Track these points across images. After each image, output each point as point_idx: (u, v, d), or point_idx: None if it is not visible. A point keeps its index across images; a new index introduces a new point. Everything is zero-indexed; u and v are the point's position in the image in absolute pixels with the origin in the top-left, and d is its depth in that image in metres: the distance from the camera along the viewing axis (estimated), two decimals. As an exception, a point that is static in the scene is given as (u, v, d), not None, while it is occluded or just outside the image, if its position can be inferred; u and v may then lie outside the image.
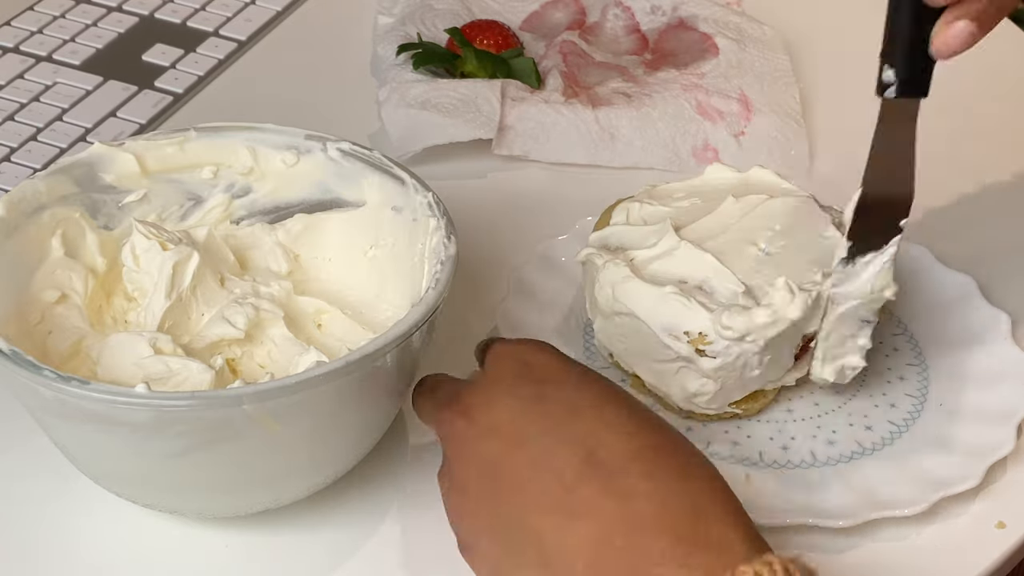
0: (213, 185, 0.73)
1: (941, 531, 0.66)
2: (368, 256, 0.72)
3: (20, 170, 0.86)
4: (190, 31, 1.01)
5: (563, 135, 0.89)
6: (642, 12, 1.01)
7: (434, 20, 0.98)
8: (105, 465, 0.63)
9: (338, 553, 0.65)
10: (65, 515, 0.66)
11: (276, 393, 0.58)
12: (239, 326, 0.66)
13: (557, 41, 0.97)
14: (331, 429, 0.63)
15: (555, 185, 0.87)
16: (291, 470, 0.63)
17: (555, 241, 0.79)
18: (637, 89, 0.92)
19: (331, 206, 0.73)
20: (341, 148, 0.71)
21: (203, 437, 0.59)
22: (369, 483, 0.67)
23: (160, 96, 0.94)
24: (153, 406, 0.57)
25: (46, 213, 0.68)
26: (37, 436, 0.64)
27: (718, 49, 0.96)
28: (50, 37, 0.99)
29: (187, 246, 0.68)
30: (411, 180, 0.69)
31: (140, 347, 0.65)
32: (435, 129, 0.88)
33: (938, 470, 0.67)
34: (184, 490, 0.63)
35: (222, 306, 0.68)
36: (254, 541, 0.65)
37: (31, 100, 0.93)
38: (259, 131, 0.72)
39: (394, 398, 0.66)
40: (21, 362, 0.58)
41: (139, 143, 0.71)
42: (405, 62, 0.94)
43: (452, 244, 0.65)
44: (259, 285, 0.70)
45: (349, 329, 0.69)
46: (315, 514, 0.66)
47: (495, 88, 0.90)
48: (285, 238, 0.73)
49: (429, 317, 0.62)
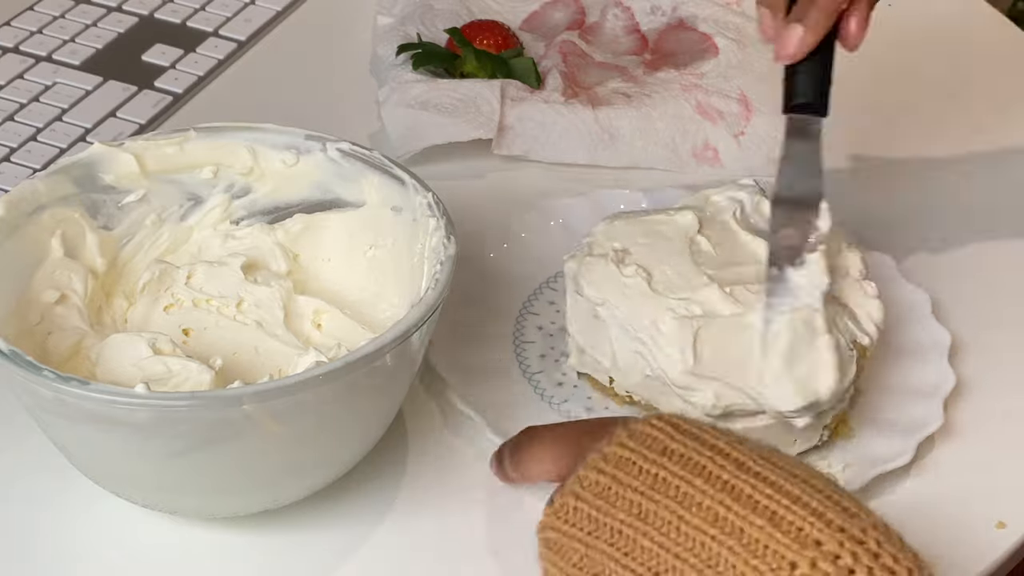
0: (213, 185, 0.73)
1: (941, 531, 0.66)
2: (368, 256, 0.72)
3: (20, 170, 0.86)
4: (190, 31, 1.01)
5: (563, 135, 0.89)
6: (642, 12, 1.01)
7: (434, 20, 0.98)
8: (105, 465, 0.63)
9: (338, 553, 0.65)
10: (65, 515, 0.66)
11: (276, 393, 0.58)
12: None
13: (557, 41, 0.97)
14: (331, 429, 0.63)
15: (555, 185, 0.87)
16: (291, 470, 0.63)
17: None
18: (637, 89, 0.92)
19: (331, 206, 0.73)
20: (341, 148, 0.71)
21: (203, 437, 0.59)
22: (369, 483, 0.67)
23: (160, 96, 0.94)
24: (153, 406, 0.57)
25: (46, 213, 0.68)
26: (37, 436, 0.64)
27: (718, 49, 0.96)
28: (50, 37, 0.99)
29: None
30: (411, 180, 0.69)
31: (140, 347, 0.65)
32: (435, 129, 0.88)
33: (877, 449, 0.68)
34: (184, 490, 0.63)
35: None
36: (254, 541, 0.65)
37: (31, 100, 0.93)
38: (259, 131, 0.72)
39: (394, 398, 0.66)
40: (21, 362, 0.58)
41: (139, 143, 0.71)
42: (405, 62, 0.94)
43: (452, 244, 0.65)
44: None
45: (349, 329, 0.69)
46: (315, 514, 0.66)
47: (495, 88, 0.90)
48: (285, 238, 0.73)
49: (429, 317, 0.62)
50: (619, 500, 0.53)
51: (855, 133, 0.90)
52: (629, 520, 0.52)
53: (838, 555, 0.49)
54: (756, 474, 0.52)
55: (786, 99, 0.70)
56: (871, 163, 0.90)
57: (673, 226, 0.72)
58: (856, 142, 0.90)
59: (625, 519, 0.52)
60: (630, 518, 0.52)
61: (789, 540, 0.49)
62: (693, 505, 0.51)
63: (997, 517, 0.67)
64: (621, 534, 0.52)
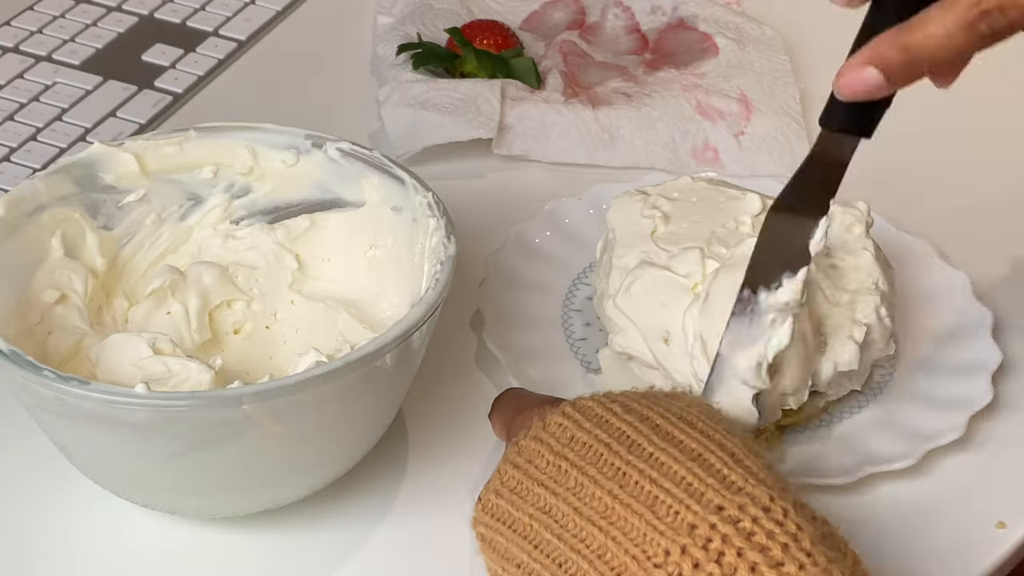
0: (213, 185, 0.73)
1: (941, 531, 0.66)
2: (368, 256, 0.72)
3: (20, 170, 0.86)
4: (190, 31, 1.01)
5: (563, 135, 0.89)
6: (642, 12, 1.01)
7: (434, 20, 0.98)
8: (105, 465, 0.63)
9: (338, 553, 0.65)
10: (65, 515, 0.66)
11: (276, 393, 0.58)
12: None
13: (557, 41, 0.97)
14: (331, 429, 0.62)
15: (555, 185, 0.87)
16: (291, 470, 0.63)
17: (529, 222, 0.81)
18: (637, 89, 0.92)
19: (331, 206, 0.73)
20: (341, 148, 0.71)
21: (203, 437, 0.59)
22: (369, 483, 0.67)
23: (160, 96, 0.94)
24: (153, 406, 0.57)
25: (46, 213, 0.68)
26: (36, 436, 0.64)
27: (718, 49, 0.96)
28: (50, 37, 0.99)
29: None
30: (411, 180, 0.69)
31: (139, 347, 0.65)
32: (435, 129, 0.88)
33: (923, 424, 0.69)
34: (184, 490, 0.63)
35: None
36: (254, 541, 0.65)
37: (31, 100, 0.93)
38: (259, 131, 0.72)
39: (394, 398, 0.66)
40: (21, 362, 0.58)
41: (139, 143, 0.71)
42: (405, 62, 0.94)
43: (452, 244, 0.65)
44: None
45: (349, 329, 0.69)
46: (315, 514, 0.66)
47: (495, 88, 0.90)
48: (285, 238, 0.73)
49: (429, 317, 0.62)
50: (528, 494, 0.56)
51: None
52: (535, 514, 0.55)
53: (709, 538, 0.50)
54: (649, 456, 0.54)
55: (827, 112, 0.62)
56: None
57: (735, 202, 0.72)
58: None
59: (533, 512, 0.55)
60: (537, 511, 0.55)
61: (664, 526, 0.51)
62: (586, 496, 0.54)
63: (997, 517, 0.67)
64: (531, 528, 0.55)
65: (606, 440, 0.55)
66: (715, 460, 0.54)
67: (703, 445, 0.54)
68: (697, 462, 0.53)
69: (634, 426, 0.56)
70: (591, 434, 0.56)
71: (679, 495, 0.52)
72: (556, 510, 0.54)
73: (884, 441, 0.69)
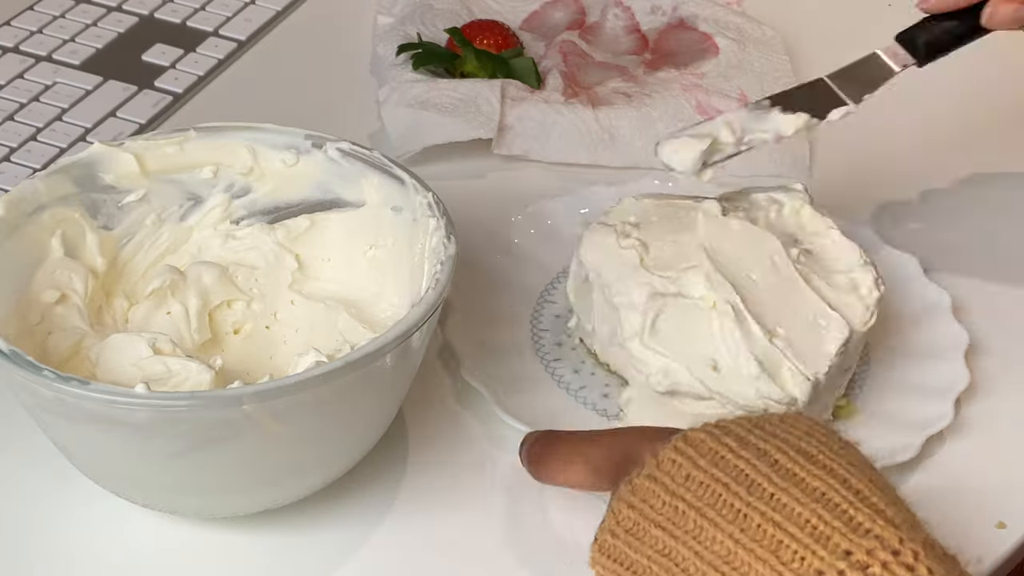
0: (213, 185, 0.73)
1: (941, 531, 0.66)
2: (368, 256, 0.72)
3: (20, 170, 0.86)
4: (190, 31, 1.01)
5: (563, 135, 0.89)
6: (642, 12, 1.01)
7: (434, 20, 0.98)
8: (105, 465, 0.63)
9: (338, 553, 0.65)
10: (65, 515, 0.66)
11: (276, 393, 0.58)
12: None
13: (557, 41, 0.97)
14: (331, 429, 0.63)
15: (555, 185, 0.87)
16: (291, 470, 0.63)
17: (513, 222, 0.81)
18: (637, 89, 0.92)
19: (331, 206, 0.72)
20: (341, 148, 0.71)
21: (203, 437, 0.59)
22: (369, 483, 0.67)
23: (160, 96, 0.94)
24: (153, 406, 0.57)
25: (46, 213, 0.68)
26: (36, 436, 0.64)
27: (718, 49, 0.96)
28: (50, 37, 0.99)
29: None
30: (411, 180, 0.69)
31: (139, 347, 0.65)
32: (435, 129, 0.88)
33: (876, 442, 0.68)
34: (184, 490, 0.63)
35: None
36: (254, 541, 0.65)
37: (31, 100, 0.93)
38: (259, 131, 0.72)
39: (394, 398, 0.66)
40: (21, 362, 0.58)
41: (139, 143, 0.71)
42: (405, 62, 0.94)
43: (452, 244, 0.65)
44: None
45: (349, 329, 0.69)
46: (315, 514, 0.66)
47: (495, 88, 0.90)
48: (285, 238, 0.73)
49: (429, 317, 0.62)
50: (646, 536, 0.53)
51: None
52: (655, 556, 0.53)
53: None
54: (770, 497, 0.52)
55: (906, 31, 0.73)
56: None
57: (693, 211, 0.72)
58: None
59: (652, 555, 0.53)
60: (655, 554, 0.53)
61: (790, 573, 0.49)
62: (707, 539, 0.52)
63: (997, 517, 0.67)
64: (651, 571, 0.53)
65: (723, 480, 0.53)
66: (840, 499, 0.51)
67: (826, 483, 0.52)
68: (821, 503, 0.51)
69: (752, 463, 0.53)
70: (707, 473, 0.53)
71: (804, 539, 0.50)
72: (676, 553, 0.52)
73: (880, 436, 0.69)
